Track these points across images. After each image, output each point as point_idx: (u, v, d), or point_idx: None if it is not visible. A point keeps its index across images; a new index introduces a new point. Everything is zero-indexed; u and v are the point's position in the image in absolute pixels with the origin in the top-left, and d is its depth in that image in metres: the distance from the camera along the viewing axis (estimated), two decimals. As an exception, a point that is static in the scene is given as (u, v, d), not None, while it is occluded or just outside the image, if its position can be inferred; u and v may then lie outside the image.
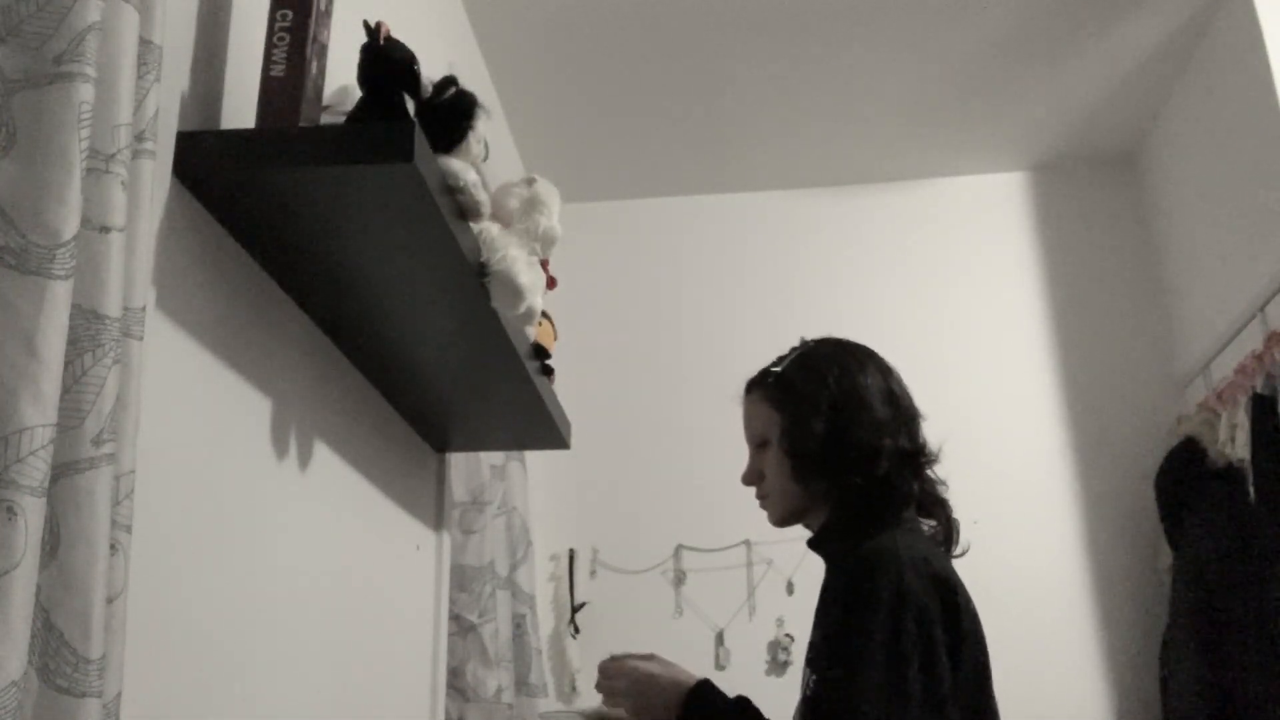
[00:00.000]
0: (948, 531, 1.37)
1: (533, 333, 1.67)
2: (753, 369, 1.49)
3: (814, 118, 3.02)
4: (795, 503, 1.38)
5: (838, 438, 1.32)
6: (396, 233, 1.21)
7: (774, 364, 1.45)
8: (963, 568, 1.32)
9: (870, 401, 1.34)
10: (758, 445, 1.43)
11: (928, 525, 1.36)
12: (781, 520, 1.41)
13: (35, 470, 0.72)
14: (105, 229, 0.83)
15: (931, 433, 1.40)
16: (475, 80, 2.52)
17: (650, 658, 1.38)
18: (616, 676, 1.37)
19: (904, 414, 1.36)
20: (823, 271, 3.25)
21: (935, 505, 1.37)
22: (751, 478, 1.44)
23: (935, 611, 1.19)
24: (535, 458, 2.70)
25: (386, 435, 1.78)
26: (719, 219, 3.36)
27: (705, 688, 1.32)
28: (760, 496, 1.43)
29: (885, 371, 1.39)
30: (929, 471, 1.37)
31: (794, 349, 1.45)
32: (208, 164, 1.10)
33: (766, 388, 1.43)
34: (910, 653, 1.16)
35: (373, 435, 1.71)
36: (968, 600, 1.26)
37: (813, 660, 1.29)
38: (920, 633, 1.17)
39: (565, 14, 2.57)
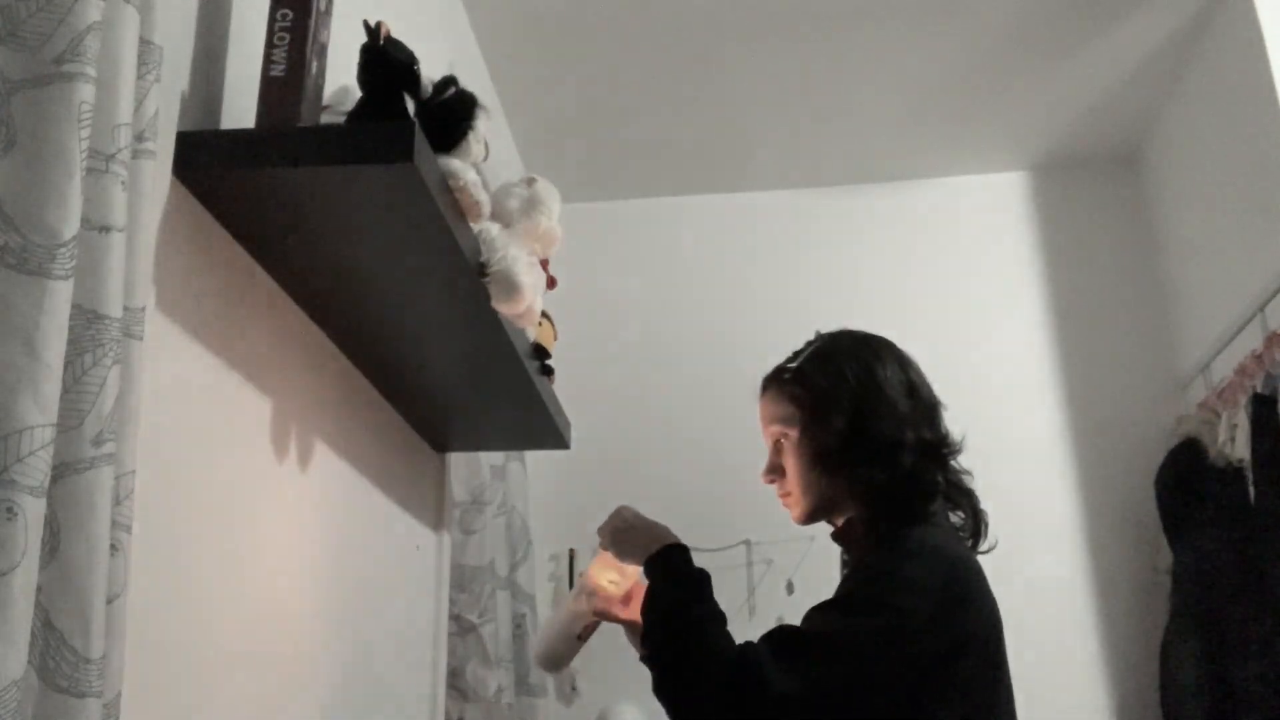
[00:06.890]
0: (975, 523, 1.34)
1: (533, 333, 1.67)
2: (752, 369, 1.47)
3: (814, 118, 3.02)
4: (818, 499, 1.35)
5: (859, 432, 1.30)
6: (396, 233, 1.21)
7: (790, 359, 1.41)
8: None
9: (890, 394, 1.31)
10: (776, 442, 1.40)
11: (955, 517, 1.34)
12: (805, 517, 1.38)
13: (35, 470, 0.72)
14: (105, 229, 0.83)
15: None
16: (475, 80, 2.52)
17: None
18: (608, 524, 1.44)
19: (925, 405, 1.33)
20: (822, 271, 3.24)
21: (961, 496, 1.34)
22: (771, 475, 1.40)
23: (934, 626, 1.17)
24: (535, 458, 2.70)
25: (386, 435, 1.78)
26: (719, 219, 3.36)
27: (678, 549, 1.34)
28: (782, 494, 1.40)
29: (904, 363, 1.36)
30: (953, 462, 1.34)
31: (809, 343, 1.42)
32: (208, 164, 1.10)
33: (783, 383, 1.39)
34: (883, 634, 1.17)
35: (373, 435, 1.71)
36: (982, 605, 1.24)
37: None
38: (903, 630, 1.17)
39: (565, 14, 2.57)
